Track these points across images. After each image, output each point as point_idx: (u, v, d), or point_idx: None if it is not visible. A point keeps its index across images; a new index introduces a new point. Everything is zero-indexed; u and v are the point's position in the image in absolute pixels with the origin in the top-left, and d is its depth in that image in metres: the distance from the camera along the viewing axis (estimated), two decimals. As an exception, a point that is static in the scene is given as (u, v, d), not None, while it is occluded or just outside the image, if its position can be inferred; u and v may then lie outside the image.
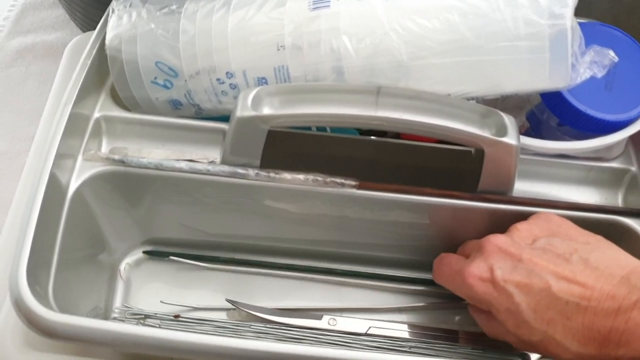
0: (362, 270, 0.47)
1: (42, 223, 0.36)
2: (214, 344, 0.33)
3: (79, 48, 0.50)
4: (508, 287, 0.36)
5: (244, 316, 0.45)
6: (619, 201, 0.43)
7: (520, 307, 0.35)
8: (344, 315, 0.44)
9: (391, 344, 0.43)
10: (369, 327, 0.44)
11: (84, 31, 0.59)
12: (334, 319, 0.44)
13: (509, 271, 0.36)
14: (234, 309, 0.45)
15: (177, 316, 0.44)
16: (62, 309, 0.36)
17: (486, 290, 0.36)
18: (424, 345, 0.43)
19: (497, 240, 0.38)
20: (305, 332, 0.43)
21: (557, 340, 0.34)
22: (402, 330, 0.44)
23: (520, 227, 0.39)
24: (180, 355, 0.35)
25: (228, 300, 0.45)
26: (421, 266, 0.46)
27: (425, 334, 0.44)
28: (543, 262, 0.36)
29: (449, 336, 0.44)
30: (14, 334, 0.38)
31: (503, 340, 0.38)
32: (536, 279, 0.35)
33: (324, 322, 0.44)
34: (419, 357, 0.41)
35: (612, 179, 0.43)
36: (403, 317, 0.46)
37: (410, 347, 0.43)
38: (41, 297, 0.34)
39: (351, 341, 0.43)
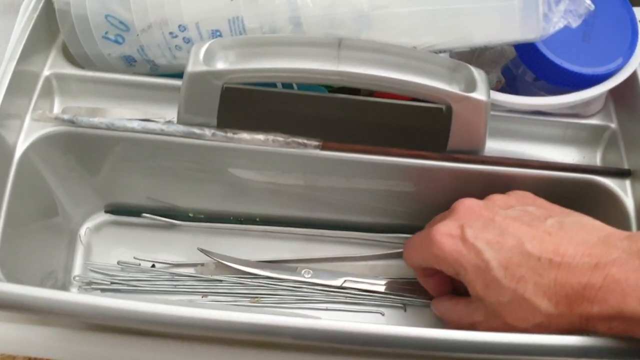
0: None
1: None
2: (175, 314, 0.31)
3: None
4: (478, 243, 0.34)
5: (213, 270, 0.43)
6: (597, 160, 0.41)
7: (490, 263, 0.33)
8: (319, 267, 0.43)
9: (365, 298, 0.43)
10: (344, 280, 0.43)
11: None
12: (309, 271, 0.43)
13: (480, 229, 0.35)
14: (203, 265, 0.43)
15: (153, 266, 0.43)
16: (10, 277, 0.34)
17: (455, 247, 0.35)
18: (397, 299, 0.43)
19: (470, 202, 0.37)
20: (280, 283, 0.42)
21: (527, 299, 0.32)
22: (376, 284, 0.43)
23: (495, 197, 0.37)
24: (138, 326, 0.34)
25: (201, 250, 0.43)
26: (392, 229, 0.45)
27: (400, 287, 0.43)
28: (516, 223, 0.34)
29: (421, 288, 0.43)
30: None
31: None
32: (509, 237, 0.34)
33: (299, 274, 0.43)
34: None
35: (591, 137, 0.41)
36: (377, 269, 0.44)
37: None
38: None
39: (326, 295, 0.43)
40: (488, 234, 0.34)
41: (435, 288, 0.40)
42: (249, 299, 0.42)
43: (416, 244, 0.38)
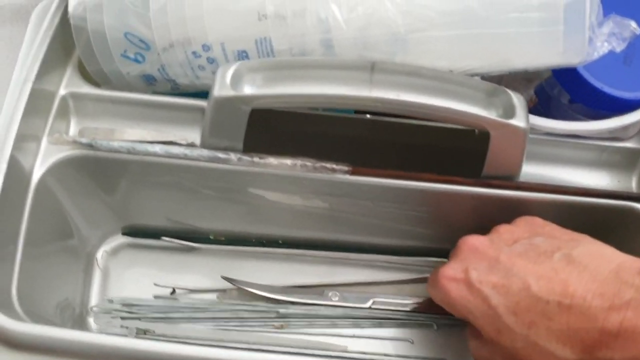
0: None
1: (2, 218, 0.33)
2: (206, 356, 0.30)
3: (47, 13, 0.45)
4: (484, 288, 0.33)
5: (236, 297, 0.42)
6: (632, 185, 0.40)
7: (498, 310, 0.32)
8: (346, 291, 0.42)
9: (393, 319, 0.42)
10: (372, 302, 0.42)
11: (55, -7, 0.55)
12: (336, 293, 0.42)
13: (485, 272, 0.33)
14: (224, 291, 0.42)
15: (173, 292, 0.42)
16: (29, 312, 0.33)
17: (461, 293, 0.33)
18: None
19: (473, 240, 0.35)
20: (311, 308, 0.41)
21: (541, 346, 0.31)
22: (404, 303, 0.42)
23: (502, 229, 0.36)
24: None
25: (225, 278, 0.42)
26: (419, 252, 0.43)
27: (429, 307, 0.42)
28: (522, 261, 0.33)
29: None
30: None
31: None
32: (514, 279, 0.32)
33: (326, 297, 0.42)
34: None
35: (626, 161, 0.40)
36: (405, 291, 0.43)
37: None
38: (2, 306, 0.31)
39: (353, 319, 0.41)
40: (493, 276, 0.33)
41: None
42: (273, 325, 0.41)
43: (430, 285, 0.37)
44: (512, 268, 0.32)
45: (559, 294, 0.31)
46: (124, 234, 0.43)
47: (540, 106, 0.40)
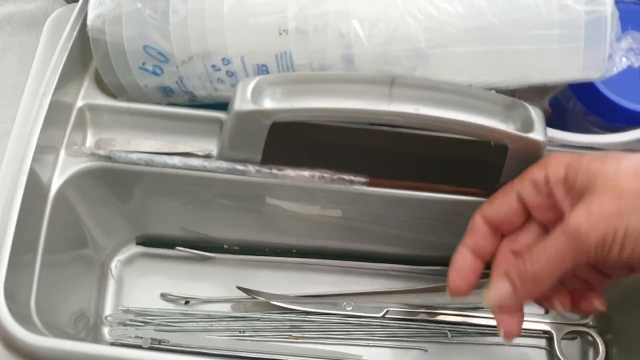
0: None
1: (21, 230, 0.33)
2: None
3: (60, 22, 0.45)
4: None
5: (250, 307, 0.42)
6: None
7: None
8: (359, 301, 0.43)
9: (407, 329, 0.42)
10: (386, 311, 0.42)
11: (68, 1, 0.55)
12: (350, 303, 0.42)
13: None
14: (238, 301, 0.42)
15: (187, 302, 0.42)
16: (47, 325, 0.33)
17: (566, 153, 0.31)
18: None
19: None
20: (325, 318, 0.42)
21: None
22: (418, 312, 0.42)
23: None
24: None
25: (240, 288, 0.42)
26: (432, 261, 0.44)
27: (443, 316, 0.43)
28: None
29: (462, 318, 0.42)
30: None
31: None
32: None
33: (341, 307, 0.42)
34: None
35: (641, 172, 0.40)
36: (419, 299, 0.43)
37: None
38: (22, 317, 0.31)
39: (368, 328, 0.42)
40: None
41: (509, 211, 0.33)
42: (288, 335, 0.41)
43: (510, 182, 0.33)
44: None
45: None
46: (138, 243, 0.43)
47: (555, 117, 0.41)
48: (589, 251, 0.28)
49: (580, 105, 0.38)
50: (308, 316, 0.42)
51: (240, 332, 0.41)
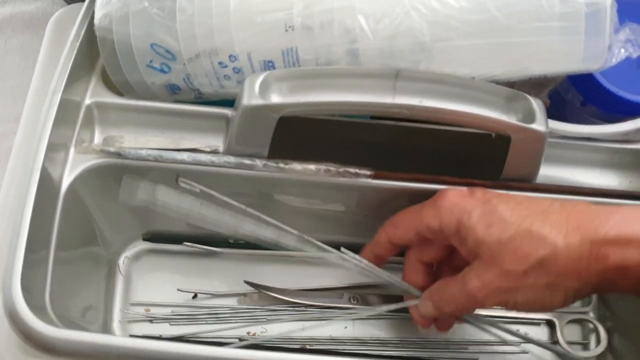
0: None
1: (35, 227, 0.33)
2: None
3: (62, 23, 0.45)
4: (488, 195, 0.34)
5: (257, 300, 0.43)
6: (644, 185, 0.41)
7: (498, 207, 0.33)
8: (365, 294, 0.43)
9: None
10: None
11: (68, 2, 0.55)
12: (356, 296, 0.43)
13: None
14: (245, 295, 0.43)
15: (195, 296, 0.43)
16: (61, 318, 0.33)
17: (461, 196, 0.34)
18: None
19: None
20: (330, 311, 0.42)
21: (532, 231, 0.31)
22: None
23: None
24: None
25: (247, 282, 0.43)
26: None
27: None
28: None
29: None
30: (9, 340, 0.36)
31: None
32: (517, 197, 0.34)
33: (346, 301, 0.43)
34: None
35: (638, 162, 0.41)
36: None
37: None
38: (38, 310, 0.31)
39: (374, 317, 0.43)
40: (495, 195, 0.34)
41: (423, 274, 0.39)
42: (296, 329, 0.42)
43: (414, 210, 0.37)
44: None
45: (560, 204, 0.32)
46: (145, 239, 0.44)
47: (554, 109, 0.41)
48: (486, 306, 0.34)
49: (579, 96, 0.39)
50: (316, 309, 0.42)
51: (248, 325, 0.42)
